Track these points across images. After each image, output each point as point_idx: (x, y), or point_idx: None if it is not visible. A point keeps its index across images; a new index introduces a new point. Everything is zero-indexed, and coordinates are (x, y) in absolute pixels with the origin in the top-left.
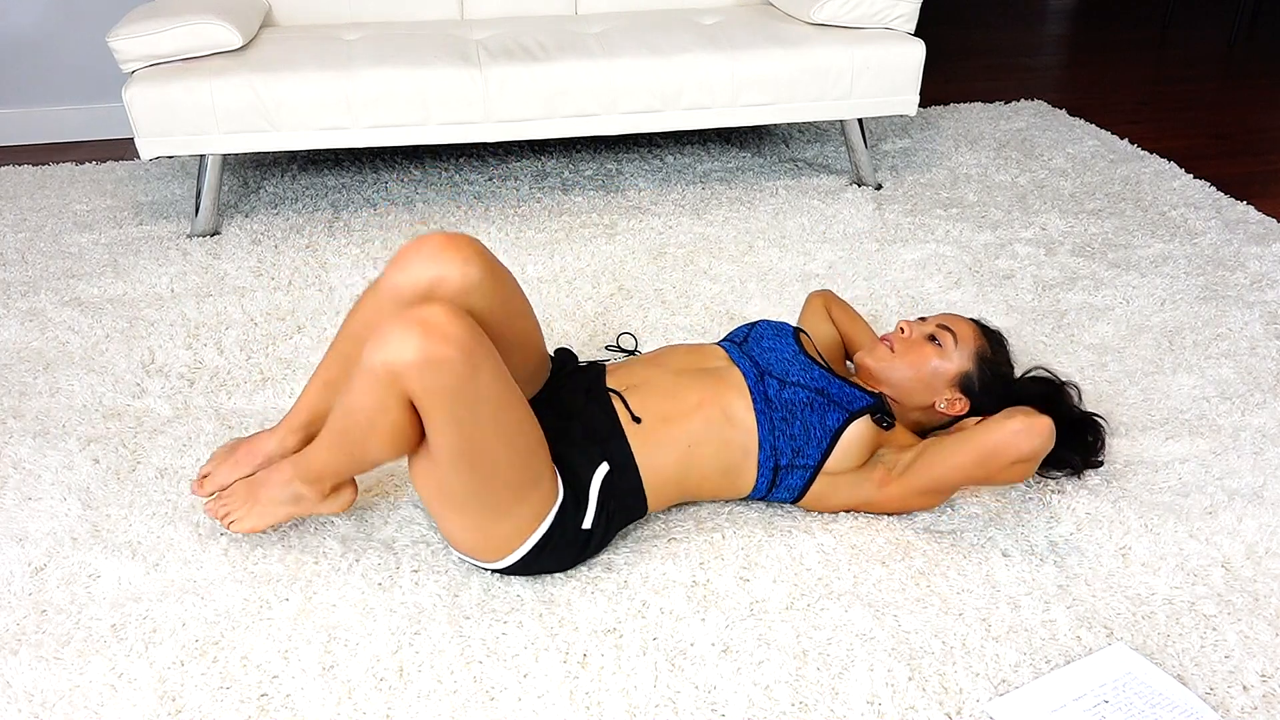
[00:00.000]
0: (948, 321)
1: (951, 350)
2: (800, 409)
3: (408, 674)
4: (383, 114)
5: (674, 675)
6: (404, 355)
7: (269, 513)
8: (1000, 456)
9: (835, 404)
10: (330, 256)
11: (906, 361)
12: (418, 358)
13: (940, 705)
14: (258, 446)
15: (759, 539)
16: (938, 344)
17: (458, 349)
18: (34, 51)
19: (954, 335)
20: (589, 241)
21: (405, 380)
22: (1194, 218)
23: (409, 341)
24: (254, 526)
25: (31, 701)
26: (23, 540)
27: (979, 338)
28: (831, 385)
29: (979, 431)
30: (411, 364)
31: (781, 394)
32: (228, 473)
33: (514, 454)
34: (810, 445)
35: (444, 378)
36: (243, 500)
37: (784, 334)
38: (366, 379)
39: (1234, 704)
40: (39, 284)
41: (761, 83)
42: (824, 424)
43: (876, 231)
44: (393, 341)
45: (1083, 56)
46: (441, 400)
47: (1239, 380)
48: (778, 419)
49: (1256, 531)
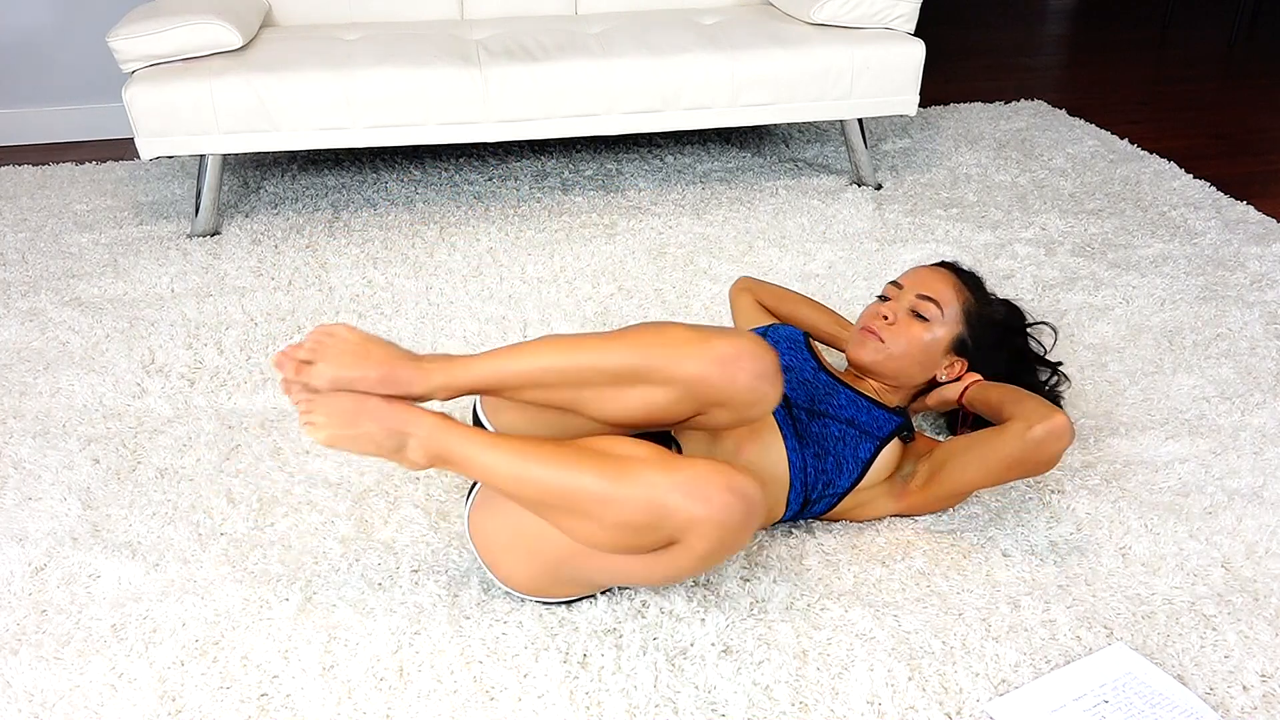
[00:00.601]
0: (924, 288)
1: (939, 319)
2: (833, 443)
3: (408, 674)
4: (383, 114)
5: (674, 675)
6: (714, 524)
7: (358, 444)
8: (1025, 465)
9: (866, 434)
10: (330, 256)
11: (898, 348)
12: (725, 535)
13: (940, 705)
14: (401, 380)
15: (759, 539)
16: (923, 319)
17: (751, 533)
18: (34, 51)
19: (937, 303)
20: (589, 241)
21: (696, 538)
22: (1194, 218)
23: (727, 512)
24: (330, 443)
25: (31, 701)
26: (23, 540)
27: (960, 291)
28: (860, 412)
29: (1000, 441)
30: (717, 532)
31: (811, 427)
32: (344, 379)
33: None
34: (842, 477)
35: (726, 552)
36: (342, 413)
37: (798, 346)
38: (651, 505)
39: (1234, 704)
40: (39, 284)
41: (761, 83)
42: (856, 456)
43: (876, 231)
44: (713, 504)
45: (1083, 56)
46: (701, 563)
47: (1239, 380)
48: (810, 455)
49: (1256, 531)
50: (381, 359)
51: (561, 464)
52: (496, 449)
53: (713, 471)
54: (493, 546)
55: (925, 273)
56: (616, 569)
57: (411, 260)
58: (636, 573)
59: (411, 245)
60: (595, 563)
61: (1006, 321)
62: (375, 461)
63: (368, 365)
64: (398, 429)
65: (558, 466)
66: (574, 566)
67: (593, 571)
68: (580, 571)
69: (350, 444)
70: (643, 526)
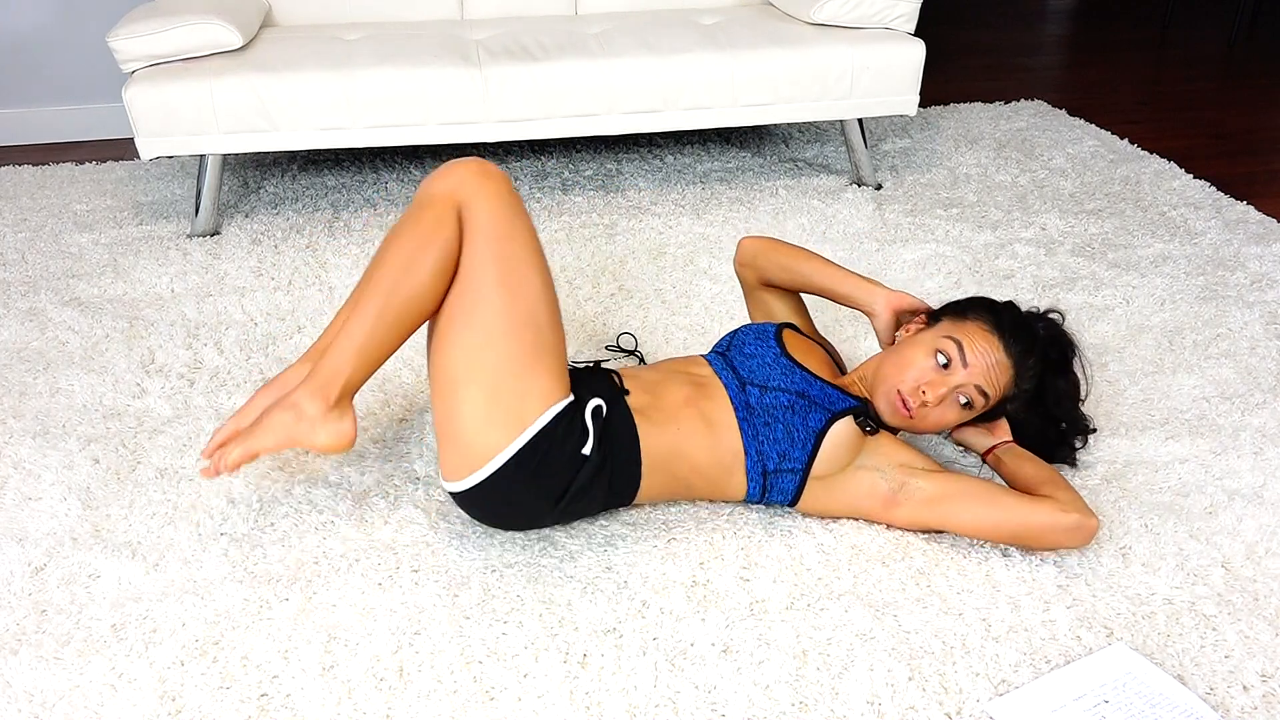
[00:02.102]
0: (987, 380)
1: (977, 411)
2: (781, 412)
3: (408, 674)
4: (383, 114)
5: (674, 675)
6: (463, 174)
7: (261, 437)
8: (1034, 541)
9: (816, 405)
10: (330, 256)
11: (925, 425)
12: (477, 171)
13: (940, 705)
14: (288, 380)
15: (759, 539)
16: (968, 407)
17: (506, 182)
18: (34, 51)
19: (987, 400)
20: (589, 241)
21: (463, 192)
22: (1194, 218)
23: (467, 166)
24: (244, 453)
25: (31, 701)
26: (23, 540)
27: (1009, 387)
28: (812, 387)
29: (1026, 509)
30: (470, 177)
31: (763, 399)
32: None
33: (545, 302)
34: (795, 448)
35: (497, 198)
36: (241, 435)
37: (765, 336)
38: (422, 206)
39: (1234, 704)
40: (39, 284)
41: (761, 83)
42: (806, 425)
43: (876, 231)
44: (452, 170)
45: (1083, 56)
46: (491, 218)
47: (1239, 380)
48: (759, 424)
49: (1256, 531)
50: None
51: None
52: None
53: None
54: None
55: (990, 355)
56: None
57: None
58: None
59: None
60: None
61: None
62: (375, 461)
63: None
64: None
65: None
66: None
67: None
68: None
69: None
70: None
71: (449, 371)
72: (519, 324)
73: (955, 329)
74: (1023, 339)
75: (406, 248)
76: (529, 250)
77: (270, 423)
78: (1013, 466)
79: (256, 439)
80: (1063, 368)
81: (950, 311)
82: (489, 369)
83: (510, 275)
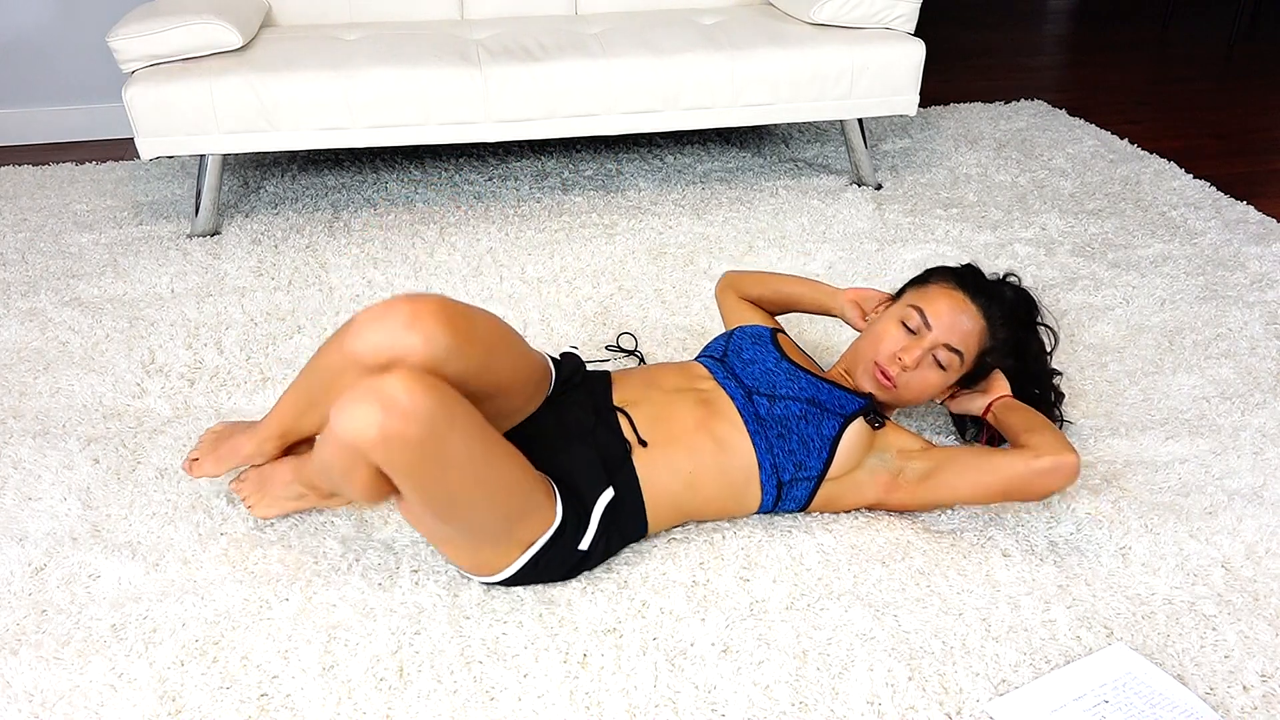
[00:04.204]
0: (953, 337)
1: (958, 367)
2: (795, 422)
3: (408, 674)
4: (383, 114)
5: (674, 675)
6: (365, 433)
7: (279, 505)
8: (1023, 493)
9: (829, 411)
10: (330, 256)
11: (910, 394)
12: (377, 435)
13: (940, 705)
14: (238, 448)
15: (759, 539)
16: (944, 368)
17: (418, 425)
18: (34, 51)
19: (961, 357)
20: (589, 241)
21: (368, 454)
22: (1194, 218)
23: (368, 418)
24: (267, 514)
25: (31, 701)
26: (23, 540)
27: (984, 333)
28: (821, 392)
29: (1003, 463)
30: (373, 442)
31: (773, 410)
32: (213, 466)
33: (493, 503)
34: (811, 457)
35: (406, 454)
36: (254, 489)
37: (763, 340)
38: (332, 446)
39: (1234, 704)
40: (39, 284)
41: (761, 83)
42: (821, 434)
43: (876, 231)
44: (354, 416)
45: (1083, 56)
46: (406, 472)
47: (1239, 380)
48: (773, 436)
49: (1256, 531)
50: (226, 436)
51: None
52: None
53: (347, 392)
54: (432, 536)
55: (955, 314)
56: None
57: (411, 260)
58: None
59: (411, 245)
60: (421, 516)
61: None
62: None
63: (218, 444)
64: (284, 480)
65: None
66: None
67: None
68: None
69: (275, 508)
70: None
71: (418, 529)
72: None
73: (918, 297)
74: (985, 289)
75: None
76: (462, 456)
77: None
78: (1004, 419)
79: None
80: (1032, 326)
81: (912, 284)
82: (457, 542)
83: (445, 500)
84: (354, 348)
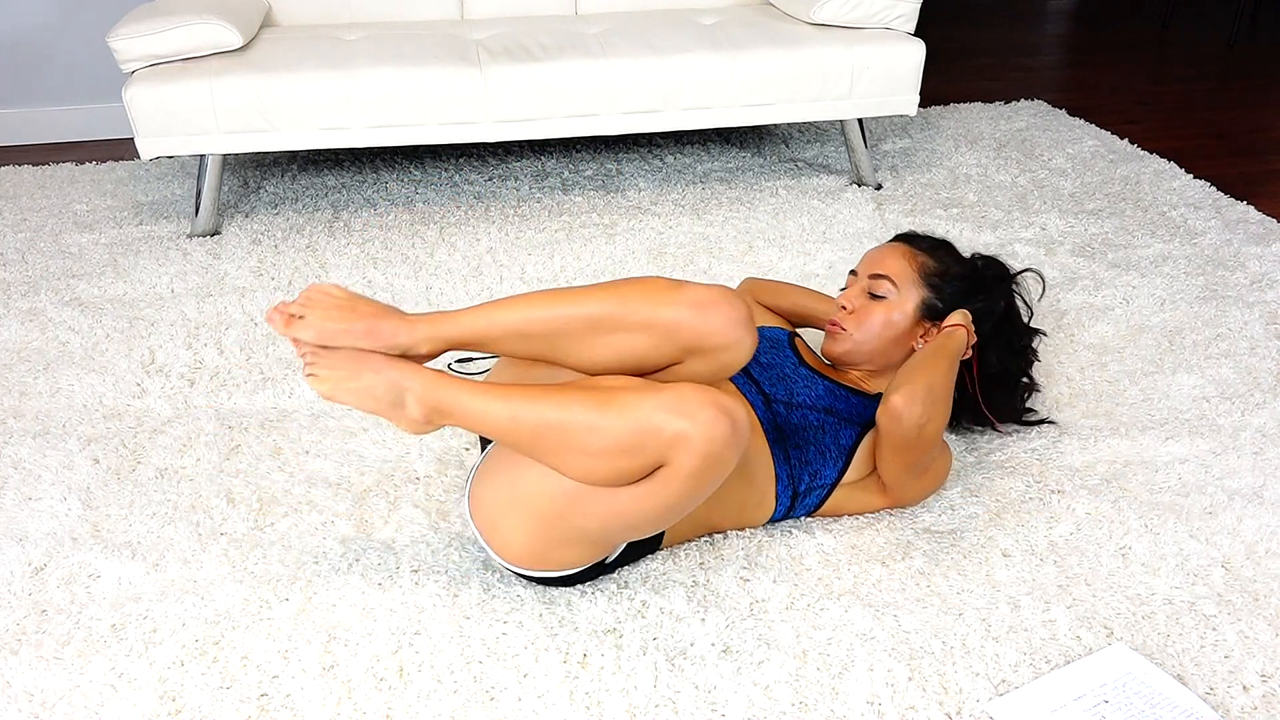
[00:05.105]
0: (875, 266)
1: (895, 294)
2: (813, 433)
3: (408, 674)
4: (383, 114)
5: (674, 675)
6: (702, 441)
7: (357, 397)
8: (894, 448)
9: (846, 421)
10: (330, 256)
11: (864, 334)
12: (712, 450)
13: (940, 705)
14: (384, 329)
15: (759, 539)
16: (880, 298)
17: (739, 454)
18: (34, 51)
19: (889, 279)
20: (589, 241)
21: (684, 455)
22: (1194, 218)
23: (715, 429)
24: (331, 396)
25: (31, 701)
26: (23, 540)
27: (914, 258)
28: (838, 400)
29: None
30: (703, 452)
31: (790, 418)
32: (331, 331)
33: (660, 527)
34: (827, 466)
35: (715, 472)
36: (344, 363)
37: (780, 345)
38: (640, 426)
39: (1234, 704)
40: (39, 284)
41: (761, 83)
42: (838, 444)
43: (876, 231)
44: (700, 420)
45: (1083, 56)
46: (693, 484)
47: (1239, 380)
48: (790, 448)
49: (1256, 531)
50: (366, 312)
51: (551, 400)
52: (490, 394)
53: (696, 390)
54: (492, 513)
55: (876, 252)
56: (609, 509)
57: (411, 260)
58: (628, 509)
59: (411, 245)
60: (586, 506)
61: (974, 274)
62: (375, 461)
63: (353, 318)
64: (396, 382)
65: (547, 403)
66: (567, 518)
67: (585, 519)
68: (574, 522)
69: (351, 397)
70: (631, 448)
71: (517, 509)
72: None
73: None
74: (908, 233)
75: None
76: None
77: (364, 395)
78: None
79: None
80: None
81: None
82: (555, 535)
83: (660, 512)
84: (685, 320)
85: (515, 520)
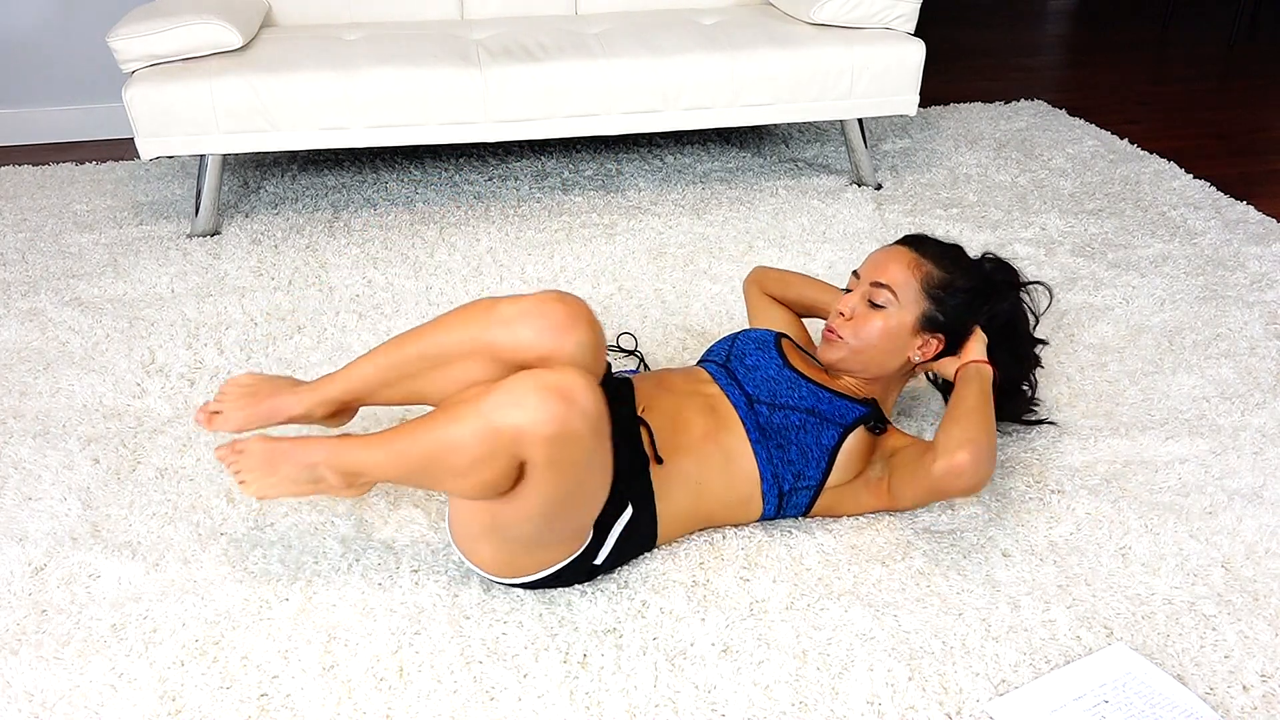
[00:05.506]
0: (877, 273)
1: (894, 304)
2: (794, 433)
3: (408, 674)
4: (383, 114)
5: (674, 675)
6: (539, 427)
7: (283, 488)
8: (942, 495)
9: (828, 421)
10: (330, 256)
11: (859, 342)
12: (553, 431)
13: (940, 705)
14: (281, 406)
15: (759, 539)
16: (879, 307)
17: (590, 424)
18: (34, 51)
19: (889, 289)
20: (589, 241)
21: (530, 447)
22: (1194, 218)
23: (549, 411)
24: (263, 496)
25: (31, 701)
26: (23, 540)
27: (917, 266)
28: (821, 401)
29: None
30: (546, 437)
31: (773, 419)
32: (242, 420)
33: (588, 513)
34: (810, 466)
35: (572, 452)
36: (259, 464)
37: (766, 346)
38: (483, 431)
39: (1234, 704)
40: (39, 284)
41: (761, 83)
42: (820, 444)
43: (876, 231)
44: (531, 407)
45: (1083, 56)
46: (559, 469)
47: (1239, 380)
48: (773, 447)
49: (1256, 531)
50: (267, 393)
51: (422, 430)
52: (377, 443)
53: (523, 378)
54: (460, 534)
55: (880, 256)
56: (519, 512)
57: (411, 260)
58: (532, 507)
59: (411, 245)
60: (502, 516)
61: (981, 282)
62: None
63: (257, 401)
64: (306, 461)
65: (420, 434)
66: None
67: (513, 526)
68: (509, 531)
69: (276, 490)
70: (484, 457)
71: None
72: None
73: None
74: (917, 237)
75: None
76: (598, 463)
77: (287, 484)
78: (956, 390)
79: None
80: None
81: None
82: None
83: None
84: (498, 339)
85: (475, 538)
